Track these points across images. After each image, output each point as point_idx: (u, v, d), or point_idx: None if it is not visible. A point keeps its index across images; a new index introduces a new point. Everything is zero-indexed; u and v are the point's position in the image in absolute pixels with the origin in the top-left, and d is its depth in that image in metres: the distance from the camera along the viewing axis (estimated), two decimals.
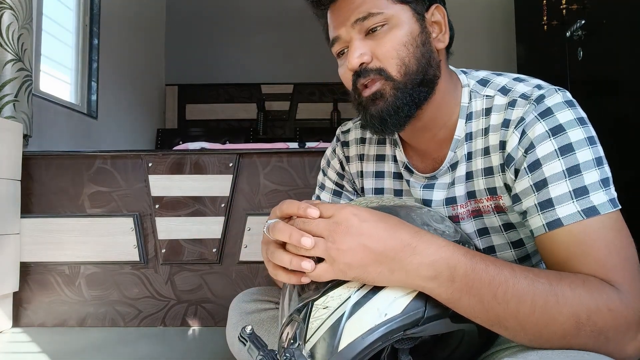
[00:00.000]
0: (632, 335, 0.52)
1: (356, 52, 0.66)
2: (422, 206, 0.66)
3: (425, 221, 0.59)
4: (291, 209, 0.55)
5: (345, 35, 0.68)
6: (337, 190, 0.91)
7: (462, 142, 0.71)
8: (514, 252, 0.73)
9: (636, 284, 0.55)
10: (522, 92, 0.66)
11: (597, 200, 0.58)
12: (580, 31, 2.11)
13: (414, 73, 0.67)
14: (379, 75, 0.67)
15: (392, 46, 0.66)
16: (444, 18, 0.71)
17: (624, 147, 1.87)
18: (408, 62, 0.66)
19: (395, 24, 0.66)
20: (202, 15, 4.23)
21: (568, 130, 0.61)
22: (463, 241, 0.60)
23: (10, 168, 1.71)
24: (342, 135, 0.90)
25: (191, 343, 1.62)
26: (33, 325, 1.78)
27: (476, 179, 0.71)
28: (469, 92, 0.71)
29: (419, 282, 0.52)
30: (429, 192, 0.75)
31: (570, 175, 0.59)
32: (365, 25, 0.66)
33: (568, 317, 0.51)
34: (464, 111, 0.71)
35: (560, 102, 0.63)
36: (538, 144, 0.61)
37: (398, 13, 0.67)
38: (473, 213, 0.72)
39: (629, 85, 1.90)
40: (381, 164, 0.84)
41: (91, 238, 1.80)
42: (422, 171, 0.76)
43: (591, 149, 0.60)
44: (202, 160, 1.81)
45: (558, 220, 0.59)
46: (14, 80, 1.90)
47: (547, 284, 0.52)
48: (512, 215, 0.69)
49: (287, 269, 0.55)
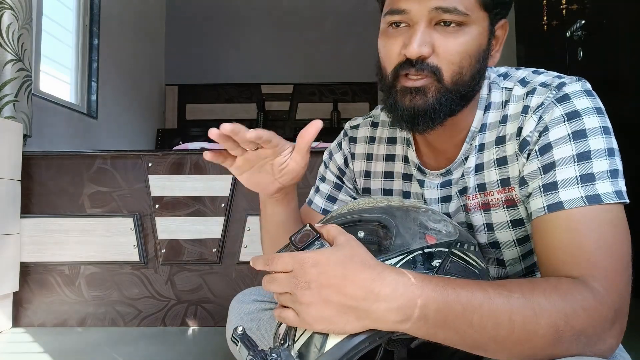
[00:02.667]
0: (608, 327, 0.52)
1: (420, 40, 0.61)
2: (421, 206, 0.65)
3: (422, 222, 0.58)
4: (257, 266, 0.56)
5: (416, 14, 0.62)
6: (337, 184, 0.88)
7: (476, 134, 0.70)
8: (518, 249, 0.73)
9: (616, 279, 0.54)
10: (542, 81, 0.65)
11: (602, 189, 0.57)
12: (580, 31, 2.11)
13: (463, 85, 0.64)
14: (432, 74, 0.63)
15: (459, 51, 0.62)
16: (504, 36, 0.69)
17: (624, 147, 1.86)
18: (465, 72, 0.64)
19: (471, 29, 0.63)
20: (202, 15, 4.23)
21: (584, 116, 0.60)
22: (462, 240, 0.59)
23: (10, 168, 1.71)
24: (351, 131, 0.87)
25: (191, 343, 1.62)
26: (33, 326, 1.78)
27: (487, 170, 0.70)
28: (489, 84, 0.71)
29: (390, 325, 0.50)
30: (447, 189, 0.74)
31: (580, 161, 0.59)
32: (443, 17, 0.61)
33: (547, 329, 0.50)
34: (482, 102, 0.70)
35: (579, 90, 0.63)
36: (552, 127, 0.61)
37: (479, 20, 0.63)
38: (483, 206, 0.71)
39: (629, 85, 1.90)
40: (391, 164, 0.82)
41: (91, 238, 1.80)
42: (434, 168, 0.75)
43: (604, 138, 0.60)
44: (202, 160, 1.81)
45: (560, 203, 0.58)
46: (14, 80, 1.90)
47: (522, 298, 0.51)
48: (522, 209, 0.68)
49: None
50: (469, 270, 0.57)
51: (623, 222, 0.58)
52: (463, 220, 0.74)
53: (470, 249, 0.60)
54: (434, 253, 0.55)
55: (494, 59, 0.69)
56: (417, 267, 0.54)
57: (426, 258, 0.55)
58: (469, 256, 0.58)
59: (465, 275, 0.56)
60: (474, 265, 0.58)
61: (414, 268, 0.54)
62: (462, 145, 0.71)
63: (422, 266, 0.54)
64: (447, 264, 0.55)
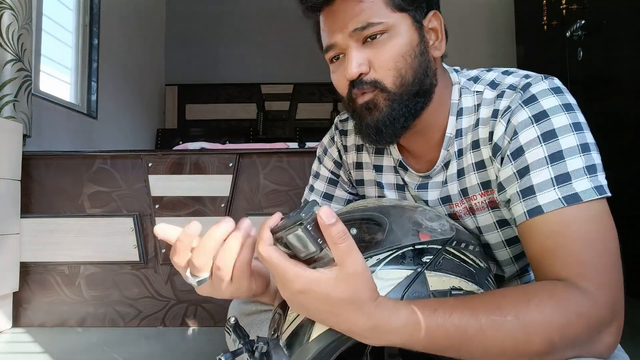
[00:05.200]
0: (604, 327, 0.52)
1: (354, 62, 0.64)
2: (418, 205, 0.66)
3: (417, 221, 0.59)
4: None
5: (342, 42, 0.66)
6: (332, 179, 0.89)
7: (452, 140, 0.71)
8: (509, 250, 0.73)
9: (606, 277, 0.54)
10: (510, 83, 0.66)
11: (579, 187, 0.57)
12: (580, 31, 2.11)
13: (410, 84, 0.66)
14: (374, 87, 0.65)
15: (391, 57, 0.65)
16: (440, 25, 0.70)
17: (624, 147, 1.87)
18: (405, 73, 0.65)
19: (394, 33, 0.65)
20: (202, 15, 4.23)
21: (552, 116, 0.60)
22: (459, 239, 0.59)
23: (10, 168, 1.71)
24: (341, 124, 0.89)
25: (191, 343, 1.62)
26: (33, 325, 1.78)
27: (467, 175, 0.70)
28: (459, 89, 0.71)
29: (375, 343, 0.50)
30: (423, 193, 0.75)
31: (553, 162, 0.58)
32: (364, 34, 0.64)
33: (541, 344, 0.50)
34: (454, 108, 0.71)
35: (545, 89, 0.62)
36: (521, 131, 0.61)
37: (398, 22, 0.65)
38: (470, 210, 0.72)
39: (629, 85, 1.90)
40: (380, 158, 0.83)
41: (91, 238, 1.80)
42: (417, 171, 0.76)
43: (576, 135, 0.59)
44: (202, 160, 1.81)
45: (539, 207, 0.58)
46: (13, 80, 1.90)
47: (514, 318, 0.50)
48: (505, 210, 0.69)
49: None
50: (463, 268, 0.57)
51: (606, 216, 0.57)
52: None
53: (469, 248, 0.60)
54: (425, 249, 0.55)
55: (439, 50, 0.70)
56: (406, 262, 0.54)
57: (416, 254, 0.55)
58: (465, 255, 0.58)
59: (459, 273, 0.56)
60: (471, 264, 0.58)
61: (403, 263, 0.54)
62: (439, 149, 0.72)
63: (412, 261, 0.54)
64: (440, 260, 0.55)
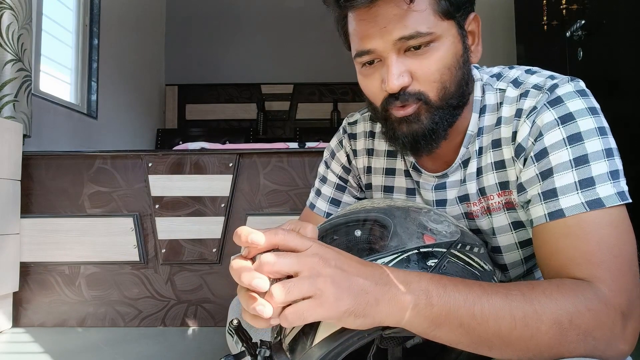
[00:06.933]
0: (619, 332, 0.51)
1: (396, 73, 0.60)
2: (423, 206, 0.65)
3: (422, 223, 0.58)
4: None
5: (382, 50, 0.61)
6: (340, 185, 0.86)
7: (474, 138, 0.69)
8: (521, 252, 0.72)
9: (621, 280, 0.53)
10: (535, 83, 0.64)
11: (603, 193, 0.56)
12: (580, 31, 2.10)
13: (452, 97, 0.63)
14: (418, 100, 0.62)
15: (437, 69, 0.61)
16: (478, 28, 0.67)
17: (624, 147, 1.86)
18: (449, 85, 0.63)
19: (441, 43, 0.61)
20: (202, 15, 4.23)
21: (578, 119, 0.59)
22: (465, 242, 0.59)
23: (10, 168, 1.71)
24: (349, 127, 0.86)
25: (191, 343, 1.62)
26: (33, 326, 1.78)
27: (486, 174, 0.69)
28: (482, 85, 0.70)
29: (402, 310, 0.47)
30: (442, 193, 0.73)
31: (577, 166, 0.58)
32: (410, 44, 0.60)
33: (551, 325, 0.49)
34: (477, 105, 0.69)
35: (571, 92, 0.62)
36: (546, 132, 0.60)
37: (445, 31, 0.61)
38: (487, 210, 0.71)
39: (629, 85, 1.90)
40: (392, 161, 0.80)
41: (91, 238, 1.80)
42: (432, 171, 0.74)
43: (601, 140, 0.59)
44: (202, 160, 1.81)
45: (560, 210, 0.57)
46: (13, 80, 1.90)
47: (521, 295, 0.50)
48: (521, 212, 0.68)
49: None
50: (468, 271, 0.56)
51: (625, 222, 0.57)
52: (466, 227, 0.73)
53: (474, 250, 0.59)
54: (430, 253, 0.55)
55: (476, 55, 0.67)
56: (411, 266, 0.53)
57: (421, 257, 0.54)
58: (470, 257, 0.58)
59: (463, 276, 0.55)
60: (475, 267, 0.58)
61: (408, 267, 0.53)
62: (459, 149, 0.70)
63: (417, 265, 0.53)
64: (444, 264, 0.55)
